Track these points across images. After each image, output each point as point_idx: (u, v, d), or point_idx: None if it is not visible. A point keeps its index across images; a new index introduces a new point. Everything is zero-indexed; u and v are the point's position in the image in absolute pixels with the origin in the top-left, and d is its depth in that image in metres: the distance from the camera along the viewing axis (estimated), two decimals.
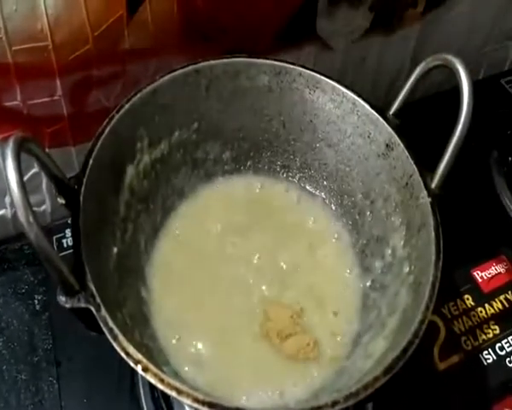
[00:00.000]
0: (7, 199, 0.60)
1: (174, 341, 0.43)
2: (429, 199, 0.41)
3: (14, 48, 0.49)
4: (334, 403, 0.32)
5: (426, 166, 0.44)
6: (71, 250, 0.56)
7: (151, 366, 0.32)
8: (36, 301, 0.60)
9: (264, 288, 0.47)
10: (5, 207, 0.61)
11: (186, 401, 0.31)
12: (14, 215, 0.61)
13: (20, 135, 0.33)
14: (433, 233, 0.40)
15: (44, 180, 0.60)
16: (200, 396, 0.31)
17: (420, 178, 0.43)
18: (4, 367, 0.56)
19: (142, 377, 0.52)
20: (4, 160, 0.31)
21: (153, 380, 0.32)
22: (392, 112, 0.47)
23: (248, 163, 0.54)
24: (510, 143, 0.74)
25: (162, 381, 0.32)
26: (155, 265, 0.47)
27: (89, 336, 0.52)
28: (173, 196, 0.51)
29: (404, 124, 0.47)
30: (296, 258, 0.49)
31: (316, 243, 0.50)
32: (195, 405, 0.31)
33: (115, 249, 0.42)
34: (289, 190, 0.54)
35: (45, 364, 0.56)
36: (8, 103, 0.53)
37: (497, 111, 0.78)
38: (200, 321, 0.45)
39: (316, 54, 0.67)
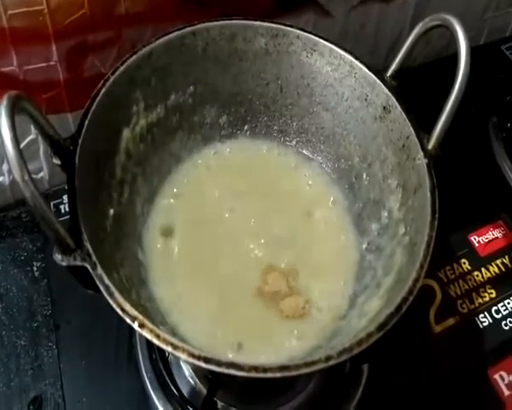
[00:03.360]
0: (4, 166, 0.60)
1: (171, 302, 0.44)
2: (426, 160, 0.41)
3: (9, 12, 0.49)
4: (328, 358, 0.32)
5: (424, 130, 0.43)
6: (69, 216, 0.57)
7: (147, 322, 0.32)
8: (35, 268, 0.61)
9: (261, 251, 0.47)
10: (3, 175, 0.61)
11: (182, 355, 0.31)
12: (12, 182, 0.62)
13: (15, 93, 0.33)
14: (428, 194, 0.39)
15: (41, 147, 0.60)
16: (196, 351, 0.31)
17: (416, 140, 0.42)
18: (4, 333, 0.57)
19: (140, 340, 0.53)
20: None
21: (149, 336, 0.32)
22: (389, 74, 0.47)
23: (245, 128, 0.53)
24: (509, 109, 0.74)
25: (158, 337, 0.32)
26: (152, 228, 0.47)
27: (87, 301, 0.53)
28: (170, 160, 0.51)
29: (404, 90, 0.47)
30: (293, 222, 0.49)
31: (312, 207, 0.50)
32: (191, 360, 0.31)
33: (112, 211, 0.42)
34: (286, 155, 0.53)
35: (44, 329, 0.57)
36: (3, 69, 0.53)
37: (497, 77, 0.78)
38: (198, 283, 0.45)
39: (314, 20, 0.67)
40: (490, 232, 0.64)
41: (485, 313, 0.59)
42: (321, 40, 0.48)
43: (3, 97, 0.32)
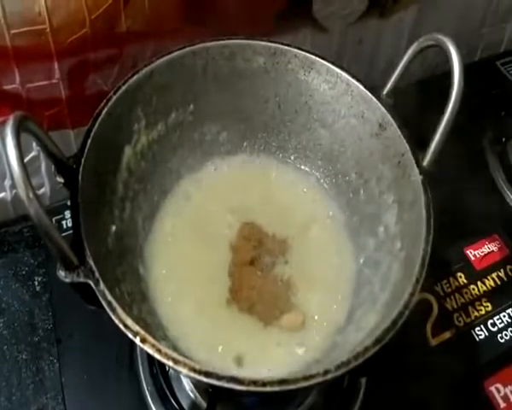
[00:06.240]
0: (6, 182, 0.61)
1: (172, 316, 0.44)
2: (421, 177, 0.42)
3: (12, 31, 0.50)
4: (326, 372, 0.33)
5: (421, 146, 0.44)
6: (70, 231, 0.57)
7: (149, 338, 0.33)
8: (36, 283, 0.61)
9: (259, 266, 0.48)
10: (5, 191, 0.62)
11: (183, 370, 0.32)
12: (14, 198, 0.62)
13: (20, 113, 0.33)
14: (424, 209, 0.40)
15: (43, 163, 0.61)
16: (197, 366, 0.32)
17: (412, 157, 0.43)
18: (5, 347, 0.57)
19: (141, 354, 0.54)
20: (4, 137, 0.32)
21: (150, 351, 0.33)
22: (385, 92, 0.48)
23: (244, 144, 0.54)
24: (504, 124, 0.75)
25: (160, 351, 0.33)
26: (153, 244, 0.48)
27: (89, 315, 0.53)
28: (170, 176, 0.51)
29: (400, 105, 0.47)
30: (291, 237, 0.50)
31: (310, 222, 0.51)
32: (192, 374, 0.32)
33: (114, 228, 0.43)
34: (285, 171, 0.54)
35: (45, 343, 0.57)
36: (6, 86, 0.53)
37: (492, 92, 0.79)
38: (198, 298, 0.46)
39: (312, 36, 0.68)
40: (486, 246, 0.64)
41: (482, 326, 0.59)
42: (318, 59, 0.49)
43: (10, 117, 0.33)
